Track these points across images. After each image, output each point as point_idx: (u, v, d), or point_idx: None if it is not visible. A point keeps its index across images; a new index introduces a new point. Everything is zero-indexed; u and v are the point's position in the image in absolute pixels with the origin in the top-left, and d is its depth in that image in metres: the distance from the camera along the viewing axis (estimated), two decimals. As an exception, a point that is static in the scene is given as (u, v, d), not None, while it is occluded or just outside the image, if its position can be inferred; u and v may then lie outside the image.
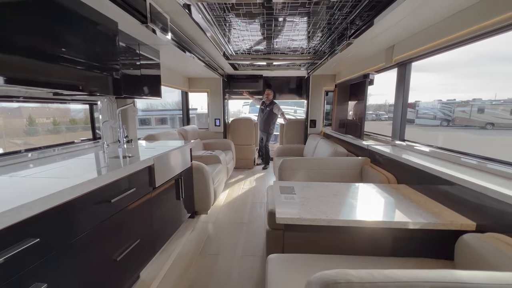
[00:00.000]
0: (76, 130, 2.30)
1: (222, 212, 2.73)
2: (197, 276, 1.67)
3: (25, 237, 0.75)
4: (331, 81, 4.15)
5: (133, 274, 1.44)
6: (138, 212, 1.40)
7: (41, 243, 0.80)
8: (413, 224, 1.12)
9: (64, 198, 0.89)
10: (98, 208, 1.08)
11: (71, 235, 0.95)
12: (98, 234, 1.10)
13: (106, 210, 1.13)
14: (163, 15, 1.62)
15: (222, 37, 2.61)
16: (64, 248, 0.92)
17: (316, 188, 1.60)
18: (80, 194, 0.97)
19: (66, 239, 0.93)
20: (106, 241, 1.16)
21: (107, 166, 1.25)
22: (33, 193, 0.81)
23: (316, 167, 2.23)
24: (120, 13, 1.33)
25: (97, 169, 1.20)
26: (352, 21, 2.06)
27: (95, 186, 1.04)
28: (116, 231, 1.22)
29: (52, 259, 0.86)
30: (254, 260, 1.88)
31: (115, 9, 1.27)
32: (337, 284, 0.60)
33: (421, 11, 1.46)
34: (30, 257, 0.77)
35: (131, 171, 1.28)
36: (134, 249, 1.33)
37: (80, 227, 0.99)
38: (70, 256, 0.95)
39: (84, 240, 1.01)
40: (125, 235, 1.29)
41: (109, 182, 1.12)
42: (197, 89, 4.38)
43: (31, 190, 0.89)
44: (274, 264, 1.15)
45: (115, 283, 1.25)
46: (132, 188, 1.27)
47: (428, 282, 0.59)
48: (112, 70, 1.44)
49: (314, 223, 1.15)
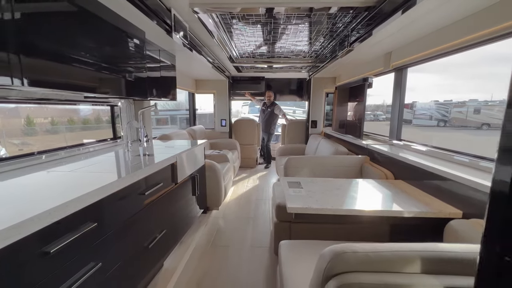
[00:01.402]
0: (90, 129, 2.42)
1: (230, 208, 2.88)
2: (211, 266, 1.82)
3: (86, 221, 0.89)
4: (331, 84, 4.31)
5: (159, 262, 1.58)
6: (163, 205, 1.54)
7: (98, 227, 0.94)
8: (408, 213, 1.28)
9: (114, 189, 1.03)
10: (136, 200, 1.23)
11: (117, 222, 1.09)
12: (135, 222, 1.23)
13: (141, 201, 1.28)
14: (183, 23, 1.78)
15: (228, 41, 2.76)
16: (113, 232, 1.06)
17: (320, 183, 1.75)
18: (124, 186, 1.11)
19: (114, 225, 1.07)
20: (140, 230, 1.29)
21: (139, 163, 1.39)
22: (89, 185, 0.95)
23: (319, 164, 2.39)
24: (148, 23, 1.48)
25: (131, 166, 1.34)
26: (353, 29, 2.22)
27: (136, 179, 1.19)
28: (147, 221, 1.36)
29: (105, 241, 1.00)
30: (262, 250, 2.03)
31: (144, 19, 1.42)
32: (344, 253, 0.75)
33: (416, 24, 1.61)
34: (89, 239, 0.91)
35: (160, 167, 1.43)
36: (161, 239, 1.47)
37: (123, 215, 1.13)
38: (116, 240, 1.09)
39: (125, 227, 1.15)
40: (154, 225, 1.43)
41: (145, 176, 1.27)
42: (204, 91, 4.53)
43: (85, 182, 1.03)
44: (286, 248, 1.30)
45: (146, 268, 1.39)
46: (160, 183, 1.41)
47: (415, 251, 0.74)
48: (141, 75, 1.61)
49: (321, 212, 1.31)
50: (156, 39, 1.83)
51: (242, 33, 2.53)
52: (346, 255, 0.75)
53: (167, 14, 1.56)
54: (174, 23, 1.61)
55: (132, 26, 1.49)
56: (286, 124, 4.85)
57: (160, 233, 1.46)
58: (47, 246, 0.73)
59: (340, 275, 0.74)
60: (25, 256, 0.67)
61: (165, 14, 1.54)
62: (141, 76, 1.63)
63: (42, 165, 1.33)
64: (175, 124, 8.78)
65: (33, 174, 1.17)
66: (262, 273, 1.75)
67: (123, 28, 1.42)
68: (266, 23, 2.14)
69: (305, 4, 1.77)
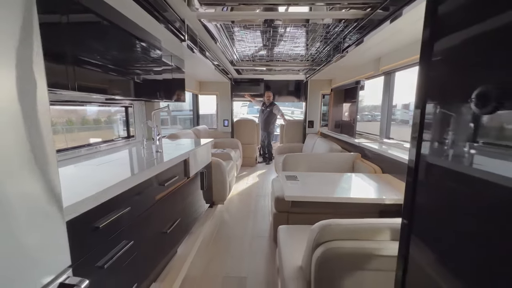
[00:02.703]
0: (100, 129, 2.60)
1: (233, 202, 3.09)
2: (218, 253, 2.02)
3: (123, 205, 1.08)
4: (327, 86, 4.51)
5: (175, 247, 1.77)
6: (178, 196, 1.73)
7: (131, 210, 1.12)
8: (389, 200, 1.48)
9: (143, 178, 1.21)
10: (157, 190, 1.41)
11: (144, 207, 1.27)
12: (156, 210, 1.41)
13: (161, 191, 1.46)
14: (194, 32, 1.97)
15: (230, 46, 2.95)
16: (141, 216, 1.24)
17: (315, 176, 1.95)
18: (150, 176, 1.30)
19: (142, 210, 1.25)
20: (160, 217, 1.47)
21: (158, 158, 1.57)
22: (121, 175, 1.14)
23: (314, 161, 2.59)
24: (165, 33, 1.68)
25: (151, 160, 1.53)
26: (345, 37, 2.42)
27: (159, 170, 1.38)
28: (166, 209, 1.54)
29: (135, 223, 1.18)
30: (262, 239, 2.23)
31: (162, 29, 1.61)
32: (330, 226, 0.95)
33: (401, 33, 1.81)
34: (124, 220, 1.09)
35: (176, 162, 1.62)
36: (176, 226, 1.65)
37: (148, 202, 1.31)
38: (144, 223, 1.27)
39: (149, 213, 1.33)
40: (170, 213, 1.62)
41: (164, 169, 1.46)
42: (207, 92, 4.72)
43: (117, 172, 1.22)
44: (283, 232, 1.50)
45: (165, 251, 1.57)
46: (176, 176, 1.60)
47: (384, 224, 0.94)
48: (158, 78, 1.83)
49: (315, 200, 1.51)
50: (170, 46, 2.03)
51: (243, 39, 2.72)
52: (331, 227, 0.95)
53: (182, 25, 1.77)
54: (187, 33, 1.81)
55: (151, 36, 1.69)
56: (284, 124, 5.05)
57: (176, 221, 1.65)
58: (97, 222, 0.92)
59: (326, 242, 0.94)
60: (84, 227, 0.86)
61: (179, 25, 1.74)
62: (158, 80, 1.85)
63: (70, 160, 1.52)
64: (174, 124, 8.93)
65: (67, 166, 1.35)
66: (262, 258, 1.95)
67: (145, 38, 1.62)
68: (265, 31, 2.34)
69: (301, 16, 1.97)
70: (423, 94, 0.55)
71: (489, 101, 0.37)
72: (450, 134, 0.48)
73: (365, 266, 0.90)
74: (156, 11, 1.46)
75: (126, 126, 2.12)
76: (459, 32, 0.46)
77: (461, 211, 0.46)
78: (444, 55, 0.50)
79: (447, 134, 0.49)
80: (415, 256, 0.59)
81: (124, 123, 2.22)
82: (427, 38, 0.54)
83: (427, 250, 0.55)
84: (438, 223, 0.52)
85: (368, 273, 0.90)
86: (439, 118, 0.51)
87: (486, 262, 0.40)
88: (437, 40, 0.52)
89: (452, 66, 0.49)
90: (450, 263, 0.48)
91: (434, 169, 0.53)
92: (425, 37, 0.55)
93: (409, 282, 0.61)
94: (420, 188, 0.57)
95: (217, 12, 1.81)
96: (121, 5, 1.30)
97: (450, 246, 0.48)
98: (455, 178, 0.47)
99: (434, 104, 0.52)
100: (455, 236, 0.47)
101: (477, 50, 0.42)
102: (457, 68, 0.48)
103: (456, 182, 0.47)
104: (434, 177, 0.53)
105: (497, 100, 0.36)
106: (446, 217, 0.49)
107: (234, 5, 1.76)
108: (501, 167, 0.38)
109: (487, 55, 0.40)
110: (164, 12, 1.54)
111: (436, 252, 0.52)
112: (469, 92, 0.41)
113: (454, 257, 0.47)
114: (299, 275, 1.09)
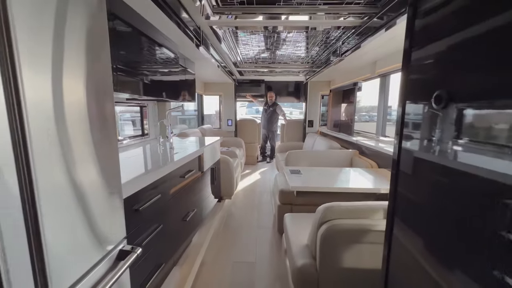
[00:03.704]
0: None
1: (238, 197, 3.27)
2: (228, 241, 2.19)
3: (154, 193, 1.24)
4: (326, 87, 4.70)
5: (191, 234, 1.92)
6: (194, 188, 1.89)
7: (161, 197, 1.29)
8: (384, 189, 1.66)
9: (170, 170, 1.38)
10: (178, 180, 1.56)
11: (169, 196, 1.43)
12: (178, 199, 1.57)
13: (182, 182, 1.62)
14: (207, 37, 2.14)
15: (235, 48, 3.12)
16: (167, 203, 1.40)
17: (316, 170, 2.13)
18: (175, 168, 1.46)
19: (167, 198, 1.41)
20: (180, 205, 1.63)
21: (176, 153, 1.73)
22: (152, 166, 1.30)
23: (315, 157, 2.77)
24: (184, 39, 1.85)
25: (172, 155, 1.68)
26: (343, 42, 2.60)
27: (180, 164, 1.54)
28: (184, 199, 1.70)
29: (163, 209, 1.34)
30: (266, 229, 2.41)
31: (180, 34, 1.77)
32: (332, 207, 1.13)
33: (395, 40, 1.99)
34: (156, 205, 1.24)
35: (193, 157, 1.79)
36: (193, 216, 1.81)
37: (171, 190, 1.47)
38: (169, 210, 1.43)
39: (173, 201, 1.49)
40: (188, 203, 1.77)
41: (185, 163, 1.62)
42: (211, 93, 4.89)
43: (148, 165, 1.38)
44: (289, 219, 1.67)
45: (184, 238, 1.73)
46: (193, 169, 1.77)
47: (379, 205, 1.11)
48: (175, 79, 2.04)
49: (317, 190, 1.68)
50: (184, 50, 2.20)
51: (247, 43, 2.89)
52: (333, 208, 1.12)
53: (198, 31, 1.94)
54: (202, 38, 1.98)
55: (172, 43, 1.86)
56: (285, 124, 5.23)
57: (192, 211, 1.81)
58: (137, 205, 1.08)
59: (329, 221, 1.11)
60: (128, 209, 1.02)
61: (196, 31, 1.92)
62: (175, 81, 2.04)
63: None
64: (179, 124, 9.07)
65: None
66: (268, 245, 2.12)
67: (168, 46, 1.80)
68: (269, 36, 2.51)
69: (302, 24, 2.14)
70: (403, 96, 0.72)
71: (442, 100, 0.54)
72: (423, 130, 0.64)
73: (362, 239, 1.07)
74: (180, 20, 1.64)
75: (141, 125, 2.28)
76: (429, 45, 0.62)
77: (434, 196, 0.59)
78: (418, 62, 0.67)
79: (420, 130, 0.65)
80: (398, 235, 0.74)
81: (133, 122, 2.39)
82: (407, 47, 0.71)
83: (406, 229, 0.70)
84: (415, 207, 0.66)
85: (364, 245, 1.08)
86: (414, 117, 0.68)
87: (453, 238, 0.52)
88: (414, 50, 0.68)
89: (423, 72, 0.66)
90: (425, 240, 0.62)
91: (411, 161, 0.68)
92: (405, 46, 0.71)
93: (393, 254, 0.77)
94: (401, 177, 0.73)
95: (223, 20, 1.98)
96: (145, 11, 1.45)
97: (425, 225, 0.62)
98: (428, 168, 0.60)
99: (411, 104, 0.69)
100: (428, 217, 0.61)
101: (439, 60, 0.59)
102: (426, 73, 0.64)
103: (429, 171, 0.60)
104: (412, 168, 0.68)
105: (446, 99, 0.53)
106: (424, 202, 0.63)
107: (238, 14, 1.92)
108: (462, 157, 0.52)
109: (444, 66, 0.57)
110: (182, 19, 1.71)
111: (415, 231, 0.66)
112: (432, 94, 0.58)
113: (428, 235, 0.61)
114: (305, 251, 1.26)
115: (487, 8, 0.46)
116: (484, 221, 0.45)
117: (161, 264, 1.33)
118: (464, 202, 0.50)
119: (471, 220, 0.48)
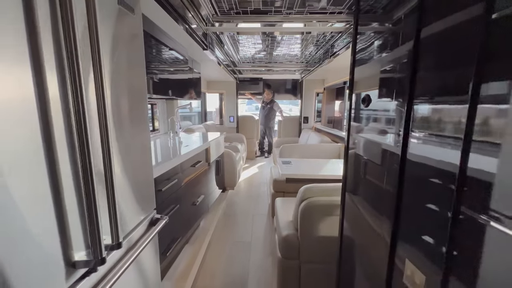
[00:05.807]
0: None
1: (239, 188, 3.58)
2: (230, 226, 2.49)
3: (172, 177, 1.49)
4: (320, 85, 4.93)
5: (200, 218, 2.20)
6: (202, 177, 2.15)
7: (177, 182, 1.55)
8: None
9: (183, 159, 1.64)
10: (189, 170, 1.81)
11: (183, 181, 1.69)
12: (189, 185, 1.83)
13: (192, 171, 1.88)
14: (214, 42, 2.38)
15: (234, 50, 3.35)
16: (182, 187, 1.67)
17: (306, 161, 2.39)
18: (188, 157, 1.73)
19: (182, 183, 1.67)
20: (191, 191, 1.89)
21: (187, 146, 1.99)
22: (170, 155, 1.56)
23: (306, 150, 3.03)
24: (193, 44, 2.09)
25: (184, 146, 1.93)
26: (333, 44, 2.83)
27: (193, 154, 1.80)
28: (194, 186, 1.96)
29: (179, 192, 1.60)
30: (262, 216, 2.69)
31: (190, 40, 2.01)
32: (311, 187, 1.39)
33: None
34: (173, 188, 1.50)
35: (202, 149, 2.04)
36: (201, 201, 2.08)
37: (184, 178, 1.73)
38: (183, 193, 1.69)
39: (185, 186, 1.75)
40: (197, 190, 2.03)
41: (195, 154, 1.88)
42: (214, 91, 5.13)
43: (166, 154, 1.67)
44: (279, 202, 1.94)
45: (195, 218, 2.00)
46: (201, 160, 2.03)
47: (349, 184, 1.37)
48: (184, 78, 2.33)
49: (304, 177, 1.94)
50: (192, 53, 2.44)
51: (245, 45, 3.13)
52: (312, 188, 1.39)
53: (205, 36, 2.19)
54: (209, 43, 2.22)
55: (182, 47, 2.10)
56: (281, 120, 5.48)
57: (201, 196, 2.08)
58: (159, 186, 1.33)
59: (308, 198, 1.37)
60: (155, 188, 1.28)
61: (203, 36, 2.16)
62: (184, 81, 2.30)
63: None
64: (183, 121, 9.29)
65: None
66: (262, 228, 2.42)
67: (179, 51, 2.06)
68: (265, 39, 2.74)
69: (296, 30, 2.38)
70: (349, 96, 0.97)
71: (364, 101, 0.80)
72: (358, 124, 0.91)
73: (333, 213, 1.33)
74: (190, 28, 1.87)
75: (152, 121, 2.54)
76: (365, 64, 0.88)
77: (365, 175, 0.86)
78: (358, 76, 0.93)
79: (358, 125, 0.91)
80: (347, 205, 1.01)
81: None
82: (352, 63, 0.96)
83: (351, 202, 0.97)
84: (355, 185, 0.93)
85: (334, 217, 1.34)
86: (357, 114, 0.94)
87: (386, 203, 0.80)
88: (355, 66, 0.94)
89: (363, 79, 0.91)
90: (363, 205, 0.88)
91: (351, 151, 0.95)
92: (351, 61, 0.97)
93: (346, 221, 1.04)
94: (349, 163, 0.99)
95: (225, 26, 2.22)
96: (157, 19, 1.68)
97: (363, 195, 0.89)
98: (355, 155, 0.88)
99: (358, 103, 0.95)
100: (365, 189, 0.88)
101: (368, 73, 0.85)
102: (364, 79, 0.90)
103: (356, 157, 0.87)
104: (352, 157, 0.95)
105: (366, 101, 0.79)
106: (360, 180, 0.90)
107: (238, 22, 2.16)
108: (384, 142, 0.78)
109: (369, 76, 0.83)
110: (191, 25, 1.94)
111: (356, 203, 0.93)
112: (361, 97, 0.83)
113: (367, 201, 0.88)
114: (290, 225, 1.52)
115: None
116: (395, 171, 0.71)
117: (177, 238, 1.61)
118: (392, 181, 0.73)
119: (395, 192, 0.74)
